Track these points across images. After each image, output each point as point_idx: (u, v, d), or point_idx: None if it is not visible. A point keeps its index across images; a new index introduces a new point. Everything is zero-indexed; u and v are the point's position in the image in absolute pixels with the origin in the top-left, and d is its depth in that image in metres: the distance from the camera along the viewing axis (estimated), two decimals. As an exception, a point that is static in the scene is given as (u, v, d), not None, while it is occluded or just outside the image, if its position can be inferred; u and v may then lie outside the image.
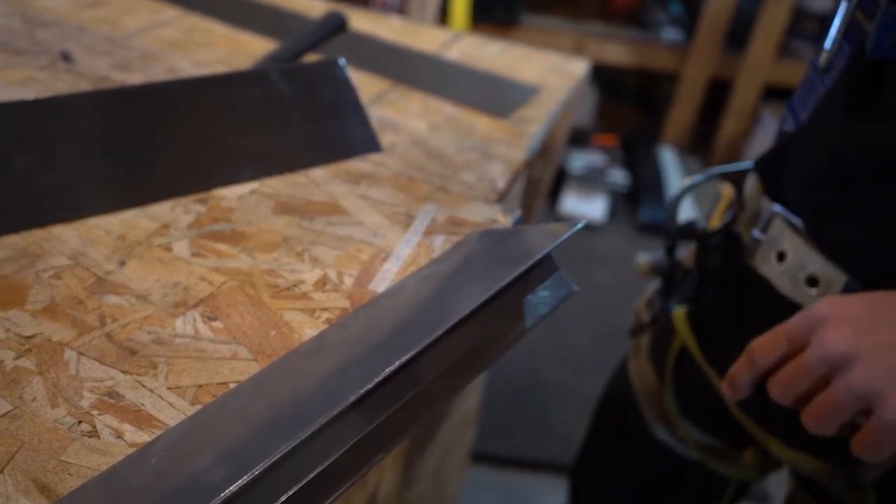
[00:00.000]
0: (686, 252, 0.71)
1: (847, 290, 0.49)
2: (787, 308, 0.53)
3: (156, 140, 0.58)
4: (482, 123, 0.84)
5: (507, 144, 0.82)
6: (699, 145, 2.58)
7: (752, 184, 0.60)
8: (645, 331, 0.75)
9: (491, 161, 0.81)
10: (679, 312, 0.66)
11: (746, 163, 0.62)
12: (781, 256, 0.53)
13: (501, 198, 0.73)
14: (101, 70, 0.78)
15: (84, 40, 0.87)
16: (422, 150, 0.77)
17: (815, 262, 0.51)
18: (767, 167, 0.58)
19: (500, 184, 0.77)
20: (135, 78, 0.78)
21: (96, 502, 0.37)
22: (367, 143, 0.69)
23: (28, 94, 0.68)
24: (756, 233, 0.56)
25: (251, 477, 0.36)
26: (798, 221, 0.53)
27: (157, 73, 0.80)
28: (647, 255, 0.73)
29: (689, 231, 0.64)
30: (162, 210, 0.56)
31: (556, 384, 1.64)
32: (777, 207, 0.55)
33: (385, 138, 0.75)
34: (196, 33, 0.94)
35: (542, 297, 0.53)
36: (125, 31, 0.95)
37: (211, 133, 0.60)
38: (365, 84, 0.86)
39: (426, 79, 0.93)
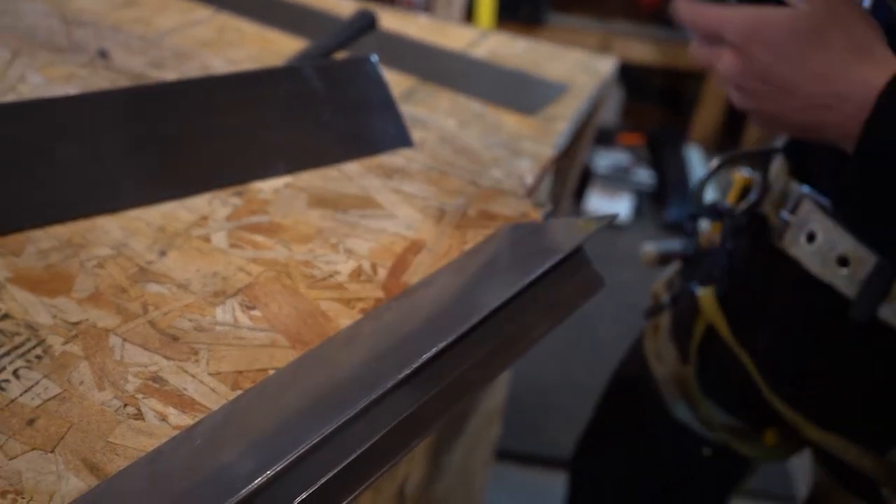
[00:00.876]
0: (705, 233, 0.71)
1: (878, 270, 0.50)
2: (817, 288, 0.53)
3: (193, 134, 0.60)
4: (510, 121, 0.85)
5: (534, 141, 0.82)
6: (726, 144, 2.56)
7: (778, 165, 0.60)
8: (663, 311, 0.76)
9: (519, 157, 0.81)
10: (706, 293, 0.67)
11: (771, 146, 0.62)
12: (811, 237, 0.54)
13: (530, 194, 0.74)
14: (136, 68, 0.80)
15: (119, 39, 0.89)
16: (451, 146, 0.78)
17: (846, 243, 0.51)
18: (795, 149, 0.59)
19: (529, 179, 0.78)
20: (169, 75, 0.80)
21: (142, 482, 0.39)
22: (398, 138, 0.70)
23: (70, 89, 0.70)
24: (784, 214, 0.56)
25: (288, 462, 0.38)
26: (827, 202, 0.53)
27: (191, 71, 0.82)
28: (652, 245, 0.74)
29: (716, 210, 0.65)
30: (200, 202, 0.58)
31: (581, 382, 1.64)
32: (805, 189, 0.55)
33: (415, 135, 0.76)
34: (227, 32, 0.96)
35: (571, 290, 0.53)
36: (158, 31, 0.97)
37: (246, 128, 0.62)
38: (394, 82, 0.87)
39: (454, 77, 0.94)
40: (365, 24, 0.85)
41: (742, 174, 0.64)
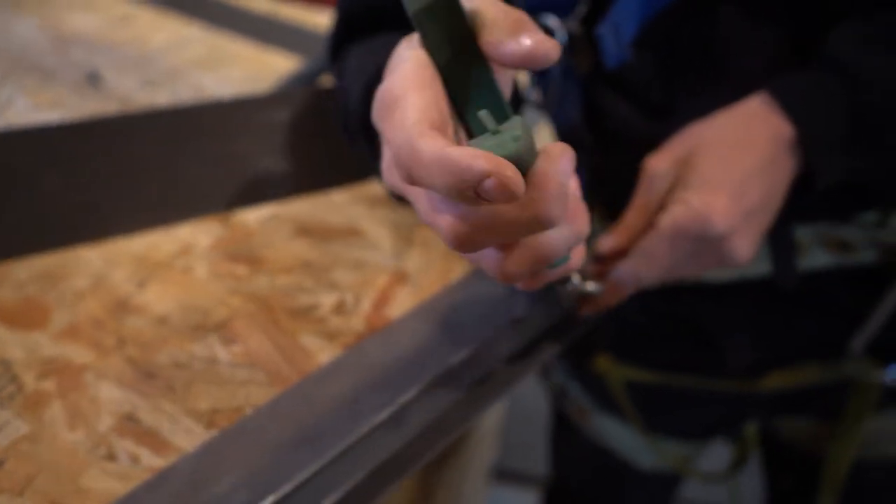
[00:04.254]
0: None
1: (776, 237, 0.52)
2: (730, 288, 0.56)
3: (180, 162, 0.59)
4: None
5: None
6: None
7: None
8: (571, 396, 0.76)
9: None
10: (602, 361, 0.67)
11: None
12: None
13: None
14: (127, 89, 0.79)
15: (112, 58, 0.88)
16: None
17: None
18: None
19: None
20: (161, 96, 0.79)
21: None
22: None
23: (56, 115, 0.70)
24: None
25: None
26: None
27: (183, 91, 0.82)
28: None
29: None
30: (184, 231, 0.57)
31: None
32: None
33: None
34: (222, 51, 0.95)
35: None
36: (152, 49, 0.96)
37: (234, 155, 0.61)
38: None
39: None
40: (357, 46, 0.85)
41: None
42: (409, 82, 0.28)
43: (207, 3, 1.21)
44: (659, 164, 0.48)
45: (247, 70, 0.90)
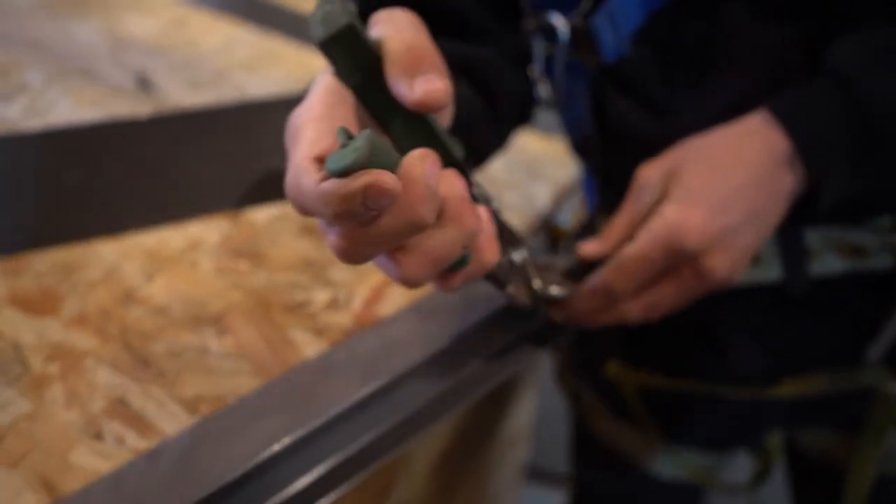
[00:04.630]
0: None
1: (786, 240, 0.52)
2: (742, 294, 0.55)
3: (194, 161, 0.62)
4: (534, 143, 0.85)
5: (556, 165, 0.82)
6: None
7: None
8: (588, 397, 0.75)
9: (537, 181, 0.81)
10: (611, 367, 0.66)
11: None
12: None
13: (544, 217, 0.74)
14: (172, 91, 0.83)
15: (162, 61, 0.93)
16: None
17: None
18: None
19: (542, 204, 0.78)
20: (204, 97, 0.83)
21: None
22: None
23: (94, 115, 0.74)
24: None
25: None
26: None
27: (227, 93, 0.85)
28: None
29: None
30: (195, 228, 0.60)
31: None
32: None
33: None
34: (268, 53, 0.99)
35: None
36: (202, 51, 1.01)
37: (247, 155, 0.64)
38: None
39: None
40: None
41: None
42: (310, 113, 0.30)
43: (259, 5, 1.26)
44: (649, 174, 0.48)
45: (290, 71, 0.93)
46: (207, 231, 0.60)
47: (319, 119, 0.30)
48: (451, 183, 0.32)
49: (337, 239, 0.29)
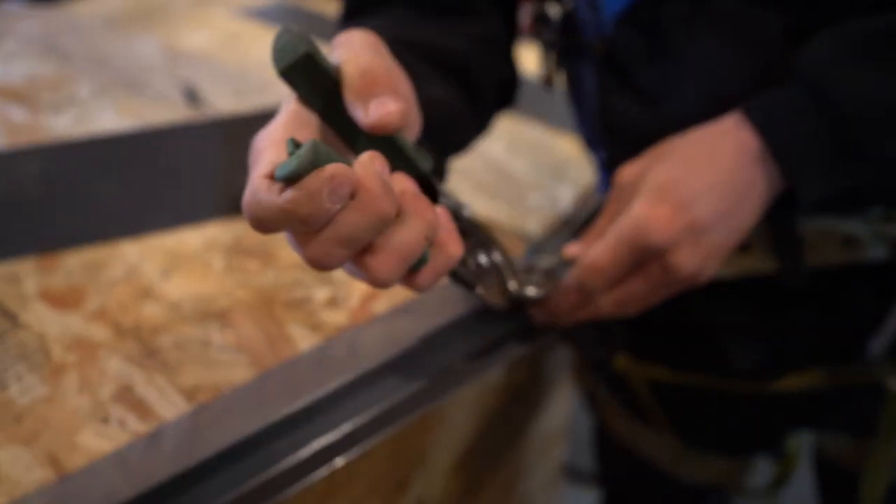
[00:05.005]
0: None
1: (779, 233, 0.52)
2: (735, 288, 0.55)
3: (215, 166, 0.66)
4: (563, 145, 0.86)
5: (582, 166, 0.83)
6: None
7: None
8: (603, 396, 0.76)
9: (562, 183, 0.82)
10: (621, 360, 0.66)
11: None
12: None
13: (565, 218, 0.75)
14: (218, 101, 0.88)
15: (212, 72, 0.98)
16: (495, 172, 0.80)
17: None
18: None
19: (565, 204, 0.79)
20: (248, 106, 0.87)
21: (108, 478, 0.44)
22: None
23: (134, 124, 0.79)
24: None
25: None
26: None
27: (268, 101, 0.89)
28: None
29: None
30: (212, 230, 0.64)
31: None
32: None
33: (462, 162, 0.79)
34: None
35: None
36: (250, 62, 1.06)
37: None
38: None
39: (517, 101, 0.96)
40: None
41: None
42: (272, 136, 0.32)
43: (307, 15, 1.31)
44: (625, 174, 0.49)
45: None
46: (223, 232, 0.64)
47: (280, 142, 0.32)
48: (402, 181, 0.34)
49: (307, 248, 0.31)
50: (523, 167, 0.84)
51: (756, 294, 0.56)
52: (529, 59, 1.12)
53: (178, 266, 0.60)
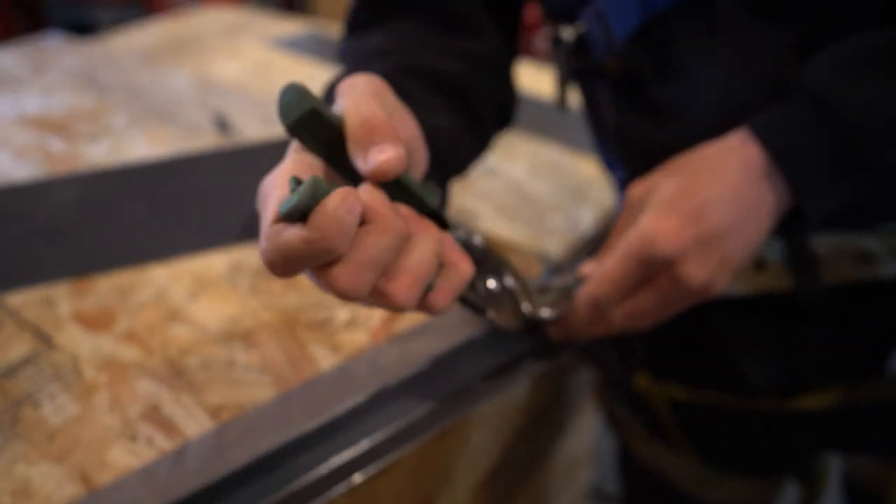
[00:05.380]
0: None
1: (791, 250, 0.53)
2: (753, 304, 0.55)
3: (240, 192, 0.68)
4: (584, 166, 0.87)
5: (603, 188, 0.84)
6: None
7: None
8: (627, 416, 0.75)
9: (583, 204, 0.83)
10: (641, 380, 0.66)
11: None
12: None
13: (587, 240, 0.76)
14: (247, 128, 0.91)
15: (241, 102, 1.01)
16: (517, 194, 0.82)
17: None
18: None
19: (586, 226, 0.80)
20: (275, 131, 0.89)
21: (135, 493, 0.46)
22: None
23: (165, 152, 0.82)
24: None
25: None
26: None
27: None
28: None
29: None
30: (238, 253, 0.66)
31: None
32: None
33: (484, 184, 0.80)
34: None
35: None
36: (279, 90, 1.09)
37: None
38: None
39: (539, 122, 0.98)
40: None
41: None
42: (277, 181, 0.34)
43: (334, 45, 1.33)
44: (636, 190, 0.49)
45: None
46: (249, 254, 0.66)
47: (285, 185, 0.34)
48: (401, 208, 0.36)
49: (335, 279, 0.31)
50: (544, 189, 0.85)
51: (770, 309, 0.56)
52: (546, 81, 1.13)
53: (204, 288, 0.62)
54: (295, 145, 0.36)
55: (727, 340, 0.60)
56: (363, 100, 0.35)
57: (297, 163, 0.35)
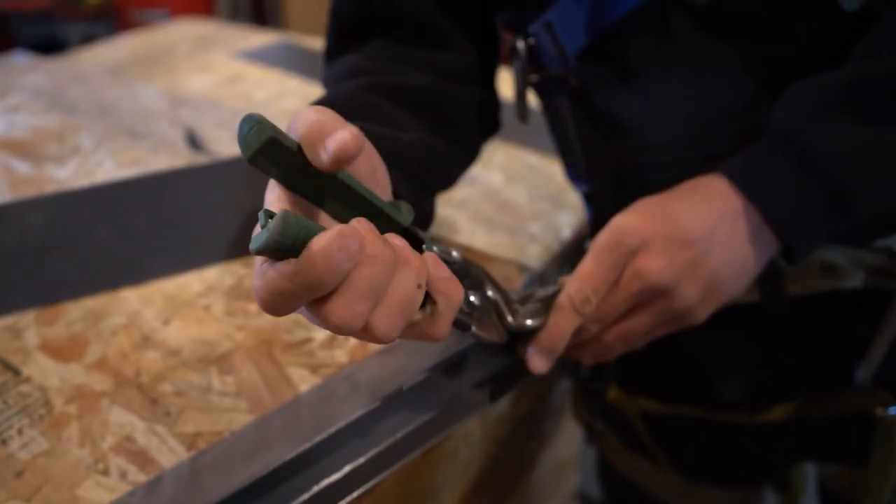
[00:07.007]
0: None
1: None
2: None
3: (211, 211, 0.67)
4: (562, 172, 0.86)
5: (582, 193, 0.83)
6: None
7: None
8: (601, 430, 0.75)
9: (561, 210, 0.82)
10: (612, 393, 0.66)
11: None
12: None
13: (567, 247, 0.75)
14: (219, 144, 0.89)
15: (213, 115, 0.99)
16: (494, 202, 0.80)
17: None
18: None
19: (566, 233, 0.79)
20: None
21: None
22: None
23: (134, 172, 0.80)
24: None
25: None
26: None
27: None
28: None
29: None
30: (212, 273, 0.64)
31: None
32: None
33: (461, 193, 0.79)
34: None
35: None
36: (252, 104, 1.07)
37: (261, 204, 0.68)
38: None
39: (515, 129, 0.96)
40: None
41: None
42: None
43: (303, 53, 1.32)
44: (621, 234, 0.49)
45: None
46: (223, 275, 0.64)
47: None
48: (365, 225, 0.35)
49: (331, 314, 0.31)
50: (522, 196, 0.84)
51: (737, 320, 0.56)
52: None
53: (178, 311, 0.60)
54: (270, 184, 0.36)
55: (694, 353, 0.60)
56: (312, 116, 0.35)
57: (273, 201, 0.35)
